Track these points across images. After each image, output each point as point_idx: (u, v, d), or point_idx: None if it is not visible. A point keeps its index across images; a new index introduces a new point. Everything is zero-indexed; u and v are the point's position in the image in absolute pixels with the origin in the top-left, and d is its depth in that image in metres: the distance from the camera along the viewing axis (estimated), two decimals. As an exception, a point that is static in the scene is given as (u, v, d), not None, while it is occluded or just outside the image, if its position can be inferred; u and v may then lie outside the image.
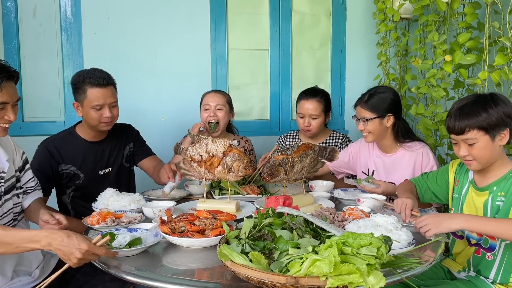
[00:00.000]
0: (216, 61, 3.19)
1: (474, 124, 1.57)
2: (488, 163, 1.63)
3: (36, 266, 1.74)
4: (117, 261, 1.38)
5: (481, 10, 2.29)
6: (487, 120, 1.56)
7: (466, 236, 1.74)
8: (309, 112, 2.58)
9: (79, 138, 2.20)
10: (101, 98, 2.06)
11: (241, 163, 1.82)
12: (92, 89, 2.05)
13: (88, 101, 2.06)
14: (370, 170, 2.33)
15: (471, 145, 1.60)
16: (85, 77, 2.07)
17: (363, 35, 3.37)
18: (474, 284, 1.67)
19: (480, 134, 1.57)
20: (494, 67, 2.05)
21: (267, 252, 1.20)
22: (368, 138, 2.20)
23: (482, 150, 1.59)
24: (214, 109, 2.51)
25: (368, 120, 2.14)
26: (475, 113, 1.57)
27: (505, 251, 1.61)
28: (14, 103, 1.55)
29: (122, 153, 2.32)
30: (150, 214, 1.78)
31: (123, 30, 3.02)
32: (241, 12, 3.23)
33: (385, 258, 1.09)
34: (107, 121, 2.11)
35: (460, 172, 1.84)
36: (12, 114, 1.54)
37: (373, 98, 2.15)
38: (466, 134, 1.59)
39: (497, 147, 1.60)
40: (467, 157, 1.63)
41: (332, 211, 1.71)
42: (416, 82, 2.67)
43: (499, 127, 1.57)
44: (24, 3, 2.93)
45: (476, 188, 1.72)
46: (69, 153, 2.15)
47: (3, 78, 1.46)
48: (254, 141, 3.25)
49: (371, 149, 2.35)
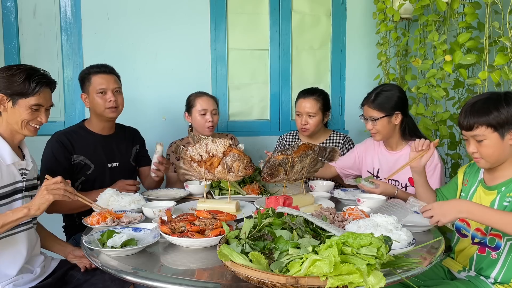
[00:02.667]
0: (216, 61, 3.20)
1: (483, 121, 1.57)
2: (497, 162, 1.63)
3: (38, 265, 1.79)
4: (117, 261, 1.39)
5: (481, 10, 2.29)
6: (497, 118, 1.55)
7: (471, 235, 1.74)
8: (306, 110, 2.58)
9: (88, 131, 2.28)
10: (104, 82, 2.20)
11: (241, 163, 1.82)
12: (95, 76, 2.21)
13: (93, 87, 2.20)
14: (375, 169, 2.33)
15: (480, 142, 1.60)
16: (89, 68, 2.25)
17: (363, 35, 3.37)
18: (474, 284, 1.67)
19: (489, 131, 1.57)
20: (494, 67, 2.05)
21: (267, 252, 1.20)
22: (377, 137, 2.20)
23: (491, 148, 1.58)
24: (211, 114, 2.54)
25: (377, 120, 2.13)
26: (485, 110, 1.57)
27: (510, 250, 1.61)
28: (47, 107, 1.75)
29: (130, 151, 2.39)
30: (150, 214, 1.78)
31: (123, 30, 3.02)
32: (241, 12, 3.23)
33: (385, 258, 1.09)
34: (111, 106, 2.20)
35: (470, 172, 1.83)
36: (44, 117, 1.74)
37: (380, 97, 2.14)
38: (474, 130, 1.59)
39: (506, 146, 1.59)
40: (475, 154, 1.63)
41: (332, 211, 1.71)
42: (416, 82, 2.67)
43: (509, 126, 1.56)
44: (24, 3, 2.93)
45: (485, 187, 1.71)
46: (80, 144, 2.22)
47: (42, 84, 1.69)
48: (254, 141, 3.26)
49: (376, 148, 2.34)
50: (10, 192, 1.65)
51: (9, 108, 1.66)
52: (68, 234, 2.30)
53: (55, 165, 2.11)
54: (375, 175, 2.32)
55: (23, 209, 1.53)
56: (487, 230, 1.67)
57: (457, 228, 1.82)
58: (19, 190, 1.70)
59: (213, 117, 2.55)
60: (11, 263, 1.67)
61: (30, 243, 1.74)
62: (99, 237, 1.51)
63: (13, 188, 1.67)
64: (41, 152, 2.19)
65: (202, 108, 2.54)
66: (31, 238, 1.76)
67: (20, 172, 1.72)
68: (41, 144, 2.23)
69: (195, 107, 2.57)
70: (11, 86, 1.64)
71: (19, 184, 1.70)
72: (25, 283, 1.69)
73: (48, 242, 1.93)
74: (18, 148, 1.76)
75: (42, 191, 1.54)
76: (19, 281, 1.67)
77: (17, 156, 1.70)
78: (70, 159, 2.17)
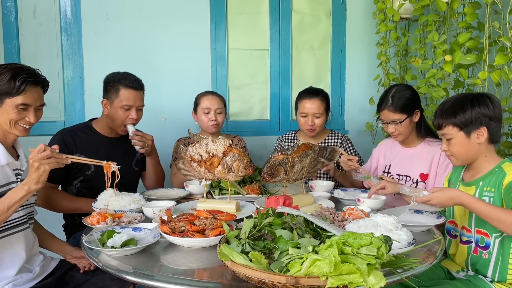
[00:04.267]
0: (216, 61, 3.20)
1: (450, 121, 1.70)
2: (468, 159, 1.73)
3: (37, 264, 1.79)
4: (117, 261, 1.39)
5: (481, 10, 2.30)
6: (462, 118, 1.67)
7: (459, 234, 1.77)
8: (313, 111, 2.58)
9: (94, 131, 2.29)
10: (132, 99, 2.21)
11: (241, 163, 1.82)
12: (125, 90, 2.20)
13: (119, 100, 2.19)
14: (386, 166, 2.35)
15: (449, 140, 1.72)
16: (120, 78, 2.22)
17: (363, 35, 3.37)
18: (473, 283, 1.67)
19: (455, 130, 1.69)
20: (494, 67, 2.05)
21: (267, 252, 1.20)
22: (399, 137, 2.24)
23: (458, 146, 1.70)
24: (215, 113, 2.55)
25: (401, 122, 2.16)
26: (452, 111, 1.69)
27: (499, 249, 1.63)
28: (37, 107, 1.70)
29: (133, 155, 2.39)
30: (150, 214, 1.78)
31: (123, 30, 3.02)
32: (241, 12, 3.23)
33: (385, 258, 1.09)
34: (130, 122, 2.23)
35: (453, 176, 1.89)
36: (33, 117, 1.68)
37: (398, 99, 2.16)
38: (443, 129, 1.72)
39: (474, 144, 1.68)
40: (447, 152, 1.76)
41: (332, 211, 1.71)
42: (416, 82, 2.67)
43: (474, 125, 1.66)
44: (24, 3, 2.93)
45: (464, 183, 1.78)
46: (83, 144, 2.22)
47: (28, 83, 1.63)
48: (254, 141, 3.26)
49: (389, 145, 2.39)
50: (4, 193, 1.62)
51: None
52: (68, 233, 2.31)
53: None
54: (385, 171, 2.34)
55: (23, 186, 1.51)
56: (471, 226, 1.72)
57: (447, 230, 1.86)
58: None
59: (217, 116, 2.55)
60: (10, 264, 1.67)
61: (28, 243, 1.74)
62: (99, 237, 1.51)
63: (7, 189, 1.64)
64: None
65: (205, 107, 2.55)
66: (28, 238, 1.75)
67: (14, 173, 1.70)
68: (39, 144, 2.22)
69: (200, 105, 2.59)
70: None
71: (13, 185, 1.67)
72: (25, 282, 1.69)
73: (46, 242, 1.92)
74: (12, 148, 1.75)
75: (32, 164, 1.51)
76: (19, 281, 1.67)
77: (11, 156, 1.68)
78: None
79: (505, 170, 1.63)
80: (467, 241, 1.74)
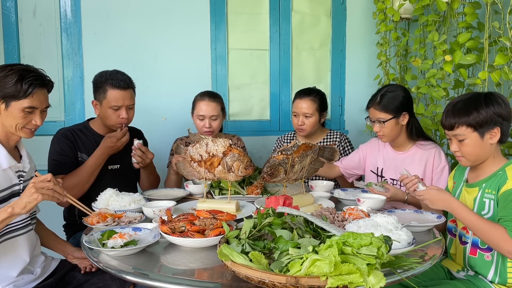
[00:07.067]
0: (216, 61, 3.20)
1: (463, 121, 1.63)
2: (478, 160, 1.68)
3: (38, 265, 1.78)
4: (117, 261, 1.39)
5: (481, 10, 2.29)
6: (476, 118, 1.61)
7: (458, 234, 1.77)
8: (303, 111, 2.57)
9: (92, 131, 2.27)
10: (120, 99, 2.15)
11: (241, 163, 1.82)
12: (112, 90, 2.15)
13: (107, 101, 2.15)
14: (378, 169, 2.32)
15: (461, 141, 1.65)
16: (107, 78, 2.16)
17: (363, 35, 3.37)
18: (473, 283, 1.67)
19: (469, 131, 1.63)
20: (494, 67, 2.05)
21: (267, 252, 1.20)
22: (384, 139, 2.20)
23: (471, 146, 1.64)
24: (209, 120, 2.47)
25: (385, 122, 2.12)
26: (465, 110, 1.63)
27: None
28: (43, 109, 1.67)
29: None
30: (150, 214, 1.78)
31: (123, 30, 3.02)
32: (241, 12, 3.23)
33: (385, 258, 1.09)
34: (122, 122, 2.19)
35: (457, 174, 1.86)
36: (39, 119, 1.66)
37: (386, 99, 2.13)
38: (455, 130, 1.65)
39: (486, 145, 1.63)
40: (457, 152, 1.69)
41: (332, 211, 1.71)
42: (416, 82, 2.67)
43: (488, 126, 1.61)
44: (24, 3, 2.93)
45: (467, 185, 1.75)
46: (83, 143, 2.21)
47: (36, 85, 1.60)
48: (254, 141, 3.26)
49: (381, 148, 2.34)
50: (7, 196, 1.61)
51: (3, 111, 1.60)
52: (69, 233, 2.30)
53: (64, 159, 2.11)
54: (378, 175, 2.32)
55: (7, 208, 1.45)
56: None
57: (449, 229, 1.85)
58: (17, 193, 1.66)
59: (211, 123, 2.47)
60: (12, 265, 1.65)
61: (31, 246, 1.73)
62: (99, 237, 1.51)
63: (10, 192, 1.63)
64: (39, 152, 2.18)
65: (200, 114, 2.47)
66: (32, 240, 1.75)
67: (17, 175, 1.67)
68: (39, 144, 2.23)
69: (195, 110, 2.53)
70: (3, 88, 1.57)
71: (16, 187, 1.66)
72: (26, 283, 1.68)
73: (48, 241, 1.91)
74: (14, 149, 1.72)
75: (30, 188, 1.45)
76: (20, 282, 1.65)
77: (13, 159, 1.65)
78: (77, 155, 2.18)
79: (507, 174, 1.59)
80: (465, 242, 1.73)
